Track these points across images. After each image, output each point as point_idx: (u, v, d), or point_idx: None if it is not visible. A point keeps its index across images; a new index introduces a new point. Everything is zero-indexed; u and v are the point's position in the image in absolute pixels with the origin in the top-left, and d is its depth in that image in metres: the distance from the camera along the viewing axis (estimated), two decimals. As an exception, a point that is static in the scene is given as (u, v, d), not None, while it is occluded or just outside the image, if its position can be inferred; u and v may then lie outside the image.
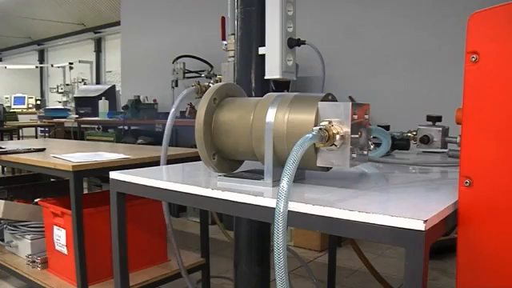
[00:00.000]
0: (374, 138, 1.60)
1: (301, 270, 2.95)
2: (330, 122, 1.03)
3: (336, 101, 1.13)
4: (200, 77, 5.43)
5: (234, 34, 1.92)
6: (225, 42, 2.03)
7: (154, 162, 1.84)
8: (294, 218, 0.96)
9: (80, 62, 10.51)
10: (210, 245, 2.83)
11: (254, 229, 1.82)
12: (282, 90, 1.86)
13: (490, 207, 0.95)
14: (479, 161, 0.96)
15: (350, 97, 4.18)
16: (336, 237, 2.71)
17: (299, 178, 1.24)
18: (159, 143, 1.79)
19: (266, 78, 1.74)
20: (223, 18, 3.59)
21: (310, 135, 0.96)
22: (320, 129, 1.00)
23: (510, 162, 0.92)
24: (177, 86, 5.76)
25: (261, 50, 1.77)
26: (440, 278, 3.23)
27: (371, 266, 2.84)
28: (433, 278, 3.23)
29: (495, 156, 0.94)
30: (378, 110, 4.12)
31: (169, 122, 1.75)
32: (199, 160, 1.31)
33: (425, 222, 0.84)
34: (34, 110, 10.29)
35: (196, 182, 1.26)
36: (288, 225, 0.91)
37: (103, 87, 7.82)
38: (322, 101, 1.09)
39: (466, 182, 0.97)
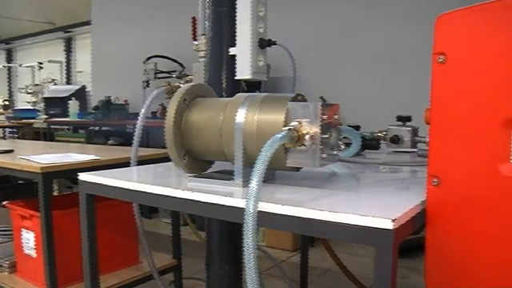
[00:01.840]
0: (344, 138, 1.61)
1: (273, 270, 2.95)
2: (299, 123, 1.03)
3: (306, 101, 1.13)
4: (171, 77, 5.40)
5: (204, 35, 1.91)
6: (196, 43, 2.02)
7: (125, 163, 1.82)
8: (264, 218, 0.96)
9: (50, 61, 10.33)
10: (182, 246, 2.81)
11: (226, 229, 1.81)
12: (253, 90, 1.86)
13: (457, 206, 0.97)
14: (447, 160, 0.97)
15: (321, 97, 4.20)
16: (308, 237, 2.72)
17: (269, 178, 1.24)
18: (130, 144, 1.77)
19: (236, 78, 1.73)
20: (194, 19, 3.58)
21: (280, 135, 0.96)
22: (289, 129, 1.00)
23: (477, 161, 0.93)
24: (148, 86, 5.71)
25: (232, 51, 1.77)
26: (410, 276, 3.27)
27: (343, 266, 2.86)
28: (403, 276, 3.27)
29: (462, 155, 0.95)
30: (348, 111, 4.15)
31: (139, 122, 1.73)
32: (171, 161, 1.30)
33: (393, 220, 0.85)
34: (1, 110, 10.08)
35: (166, 183, 1.25)
36: (258, 225, 0.91)
37: (73, 87, 7.70)
38: (291, 101, 1.09)
39: (434, 181, 0.99)
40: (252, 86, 2.04)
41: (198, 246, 3.72)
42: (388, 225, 0.85)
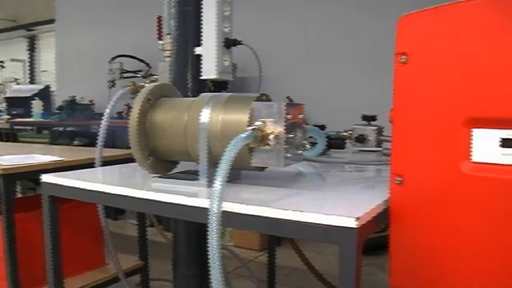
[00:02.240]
0: (310, 137, 1.62)
1: (241, 269, 2.95)
2: (264, 122, 1.03)
3: (271, 101, 1.14)
4: (137, 77, 5.34)
5: (170, 34, 1.90)
6: (161, 42, 2.00)
7: (90, 164, 1.80)
8: (228, 218, 0.96)
9: (12, 60, 10.09)
10: (149, 247, 2.78)
11: (192, 229, 1.80)
12: (220, 90, 1.85)
13: (419, 204, 0.98)
14: (409, 159, 0.99)
15: (288, 97, 4.22)
16: (275, 236, 2.72)
17: (235, 178, 1.24)
18: (96, 145, 1.74)
19: (202, 78, 1.72)
20: (159, 18, 3.54)
21: (244, 135, 0.96)
22: (254, 129, 1.00)
23: (438, 159, 0.95)
24: (114, 86, 5.63)
25: (197, 50, 1.76)
26: (377, 274, 3.31)
27: (310, 265, 2.87)
28: (371, 274, 3.31)
29: (424, 154, 0.96)
30: (315, 110, 4.18)
31: (103, 122, 1.71)
32: (136, 161, 1.28)
33: (357, 219, 0.85)
34: (-38, 111, 9.81)
35: (131, 184, 1.24)
36: (223, 225, 0.91)
37: (37, 87, 7.53)
38: (256, 101, 1.09)
39: (397, 180, 1.00)
40: (219, 85, 2.02)
41: (165, 246, 3.69)
42: (352, 223, 0.85)
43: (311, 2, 4.82)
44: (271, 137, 1.02)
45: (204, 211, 0.93)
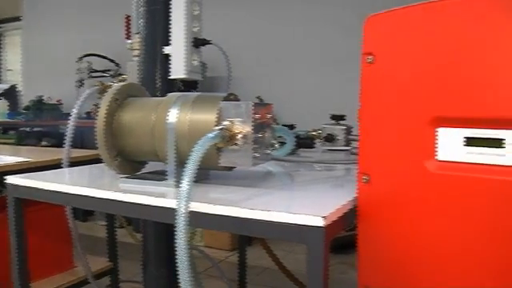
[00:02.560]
0: (279, 137, 1.62)
1: (212, 270, 2.94)
2: (231, 122, 1.03)
3: (239, 100, 1.13)
4: (107, 76, 5.27)
5: (138, 33, 1.88)
6: (129, 41, 1.98)
7: (57, 165, 1.76)
8: (196, 218, 0.95)
9: (-24, 59, 9.87)
10: (118, 248, 2.75)
11: (162, 230, 1.79)
12: (190, 89, 1.85)
13: (386, 202, 0.99)
14: (376, 158, 1.00)
15: (258, 97, 4.23)
16: (245, 236, 2.72)
17: (203, 178, 1.23)
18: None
19: (171, 77, 1.71)
20: (128, 17, 3.51)
21: (211, 135, 0.96)
22: (221, 128, 0.99)
23: (404, 158, 0.96)
24: (82, 85, 5.55)
25: (166, 50, 1.75)
26: (348, 272, 3.34)
27: (281, 264, 2.89)
28: (341, 272, 3.34)
29: (390, 153, 0.97)
30: (285, 110, 4.21)
31: (70, 122, 1.68)
32: (104, 162, 1.27)
33: (324, 218, 0.86)
34: None
35: (98, 185, 1.23)
36: (191, 225, 0.90)
37: (2, 87, 7.35)
38: (224, 101, 1.09)
39: (364, 179, 1.01)
40: (188, 85, 2.02)
41: (135, 248, 3.66)
42: (319, 222, 0.86)
43: (281, 2, 4.83)
44: (239, 136, 1.02)
45: (172, 212, 0.92)
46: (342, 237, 3.63)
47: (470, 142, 0.91)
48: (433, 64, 0.92)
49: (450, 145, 0.92)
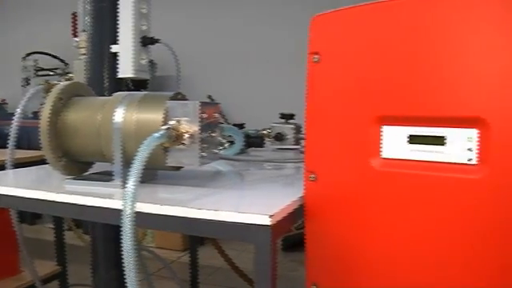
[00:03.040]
0: (229, 136, 1.62)
1: (164, 271, 2.92)
2: (178, 121, 1.02)
3: (186, 100, 1.13)
4: (54, 75, 5.13)
5: (85, 31, 1.84)
6: (76, 39, 1.94)
7: (1, 167, 1.70)
8: (144, 219, 0.94)
9: None
10: (67, 252, 2.69)
11: (110, 231, 1.76)
12: (139, 89, 1.82)
13: (333, 200, 1.01)
14: (322, 156, 1.01)
15: (209, 96, 4.21)
16: (197, 235, 2.71)
17: (151, 178, 1.22)
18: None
19: (119, 76, 1.69)
20: (74, 14, 3.43)
21: (157, 135, 0.95)
22: (168, 128, 0.98)
23: (350, 156, 0.97)
24: (28, 84, 5.38)
25: (114, 48, 1.72)
26: (299, 269, 3.36)
27: (233, 263, 2.89)
28: (292, 270, 3.37)
29: (336, 151, 0.99)
30: (235, 109, 4.21)
31: (14, 122, 1.63)
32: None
33: (270, 216, 0.86)
34: None
35: (44, 187, 1.19)
36: (138, 226, 0.89)
37: None
38: (171, 100, 1.08)
39: (311, 177, 1.02)
40: (138, 84, 1.99)
41: (84, 250, 3.59)
42: (266, 221, 0.86)
43: (231, 2, 4.84)
44: (186, 136, 1.01)
45: (118, 213, 0.90)
46: (293, 235, 3.69)
47: (414, 139, 0.93)
48: (377, 64, 0.94)
49: (394, 142, 0.95)
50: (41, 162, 1.72)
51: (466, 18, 0.85)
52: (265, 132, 1.90)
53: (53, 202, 1.10)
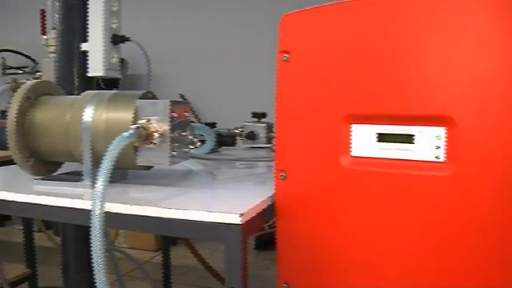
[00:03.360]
0: (200, 135, 1.61)
1: (136, 271, 2.89)
2: (148, 120, 1.01)
3: (156, 98, 1.12)
4: (23, 73, 5.04)
5: (54, 29, 1.81)
6: (45, 37, 1.90)
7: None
8: (113, 219, 0.93)
9: None
10: (37, 253, 2.65)
11: (81, 232, 1.74)
12: (111, 87, 1.80)
13: (303, 198, 1.01)
14: (292, 154, 1.01)
15: (181, 95, 4.19)
16: (169, 235, 2.70)
17: (121, 178, 1.21)
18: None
19: (89, 75, 1.66)
20: (43, 11, 3.36)
21: (127, 134, 0.94)
22: (138, 127, 0.98)
23: (320, 154, 0.98)
24: (-4, 83, 5.28)
25: (83, 46, 1.70)
26: (272, 268, 3.37)
27: (205, 263, 2.89)
28: (265, 268, 3.38)
29: (306, 149, 0.99)
30: (208, 108, 4.20)
31: (-20, 122, 1.60)
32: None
33: (241, 215, 0.86)
34: None
35: (11, 187, 1.17)
36: (108, 227, 0.88)
37: None
38: (141, 99, 1.07)
39: (281, 176, 1.02)
40: (109, 83, 1.97)
41: (55, 252, 3.53)
42: (236, 220, 0.86)
43: (203, 1, 4.82)
44: (156, 135, 1.00)
45: (88, 213, 0.89)
46: (266, 233, 3.69)
47: (383, 137, 0.94)
48: (345, 63, 0.95)
49: (364, 141, 0.96)
50: (9, 162, 1.69)
51: (433, 18, 0.86)
52: (236, 131, 1.90)
53: (21, 202, 1.08)
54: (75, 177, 1.16)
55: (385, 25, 0.91)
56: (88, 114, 1.09)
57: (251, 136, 1.87)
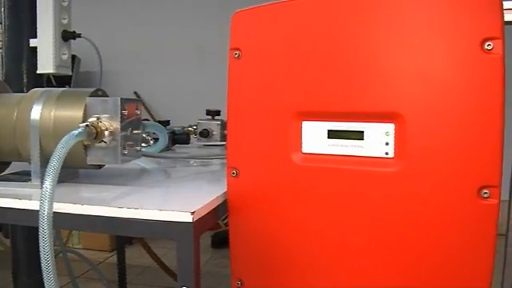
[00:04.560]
0: (153, 133, 1.60)
1: (91, 272, 2.86)
2: (98, 118, 0.99)
3: (107, 96, 1.10)
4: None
5: (1, 23, 1.76)
6: (-9, 32, 1.84)
7: None
8: (63, 219, 0.91)
9: None
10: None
11: (32, 234, 1.70)
12: (63, 85, 1.76)
13: (255, 195, 1.01)
14: (243, 152, 1.02)
15: (135, 92, 4.15)
16: (124, 235, 2.67)
17: (72, 177, 1.18)
18: None
19: (38, 72, 1.62)
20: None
21: (76, 132, 0.92)
22: (87, 125, 0.96)
23: (271, 151, 0.98)
24: None
25: (32, 42, 1.65)
26: (229, 266, 3.37)
27: (161, 262, 2.87)
28: (223, 266, 3.37)
29: (258, 147, 1.00)
30: (162, 106, 4.17)
31: None
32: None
33: (192, 213, 0.86)
34: None
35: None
36: (58, 227, 0.87)
37: None
38: (91, 96, 1.05)
39: (233, 173, 1.02)
40: (61, 80, 1.93)
41: (4, 255, 3.43)
42: (187, 218, 0.86)
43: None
44: (106, 133, 0.99)
45: (36, 214, 0.87)
46: (223, 231, 3.69)
47: (333, 134, 0.96)
48: (294, 60, 0.96)
49: (314, 138, 0.97)
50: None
51: (380, 15, 0.88)
52: (191, 129, 1.89)
53: (-35, 204, 1.05)
54: (23, 177, 1.13)
55: (333, 22, 0.92)
56: (36, 112, 1.06)
57: (205, 134, 1.86)
